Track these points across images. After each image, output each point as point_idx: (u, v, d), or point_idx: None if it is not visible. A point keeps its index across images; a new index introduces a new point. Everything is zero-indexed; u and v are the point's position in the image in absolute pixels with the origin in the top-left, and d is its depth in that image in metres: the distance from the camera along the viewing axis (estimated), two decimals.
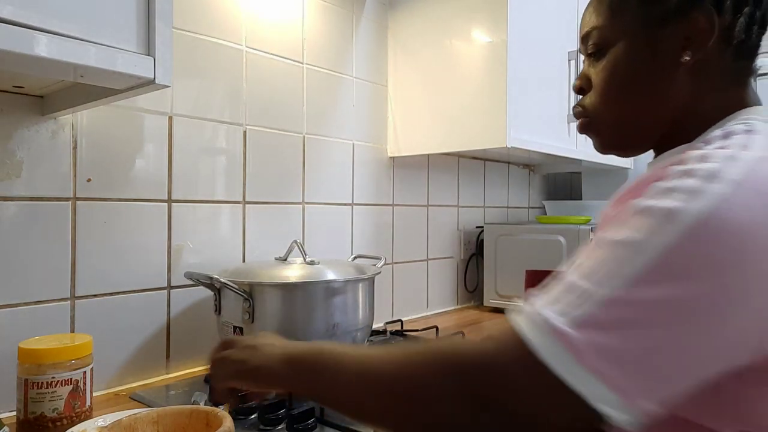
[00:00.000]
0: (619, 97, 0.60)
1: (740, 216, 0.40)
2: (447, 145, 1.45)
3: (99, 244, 0.96)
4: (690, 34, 0.55)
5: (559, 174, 2.40)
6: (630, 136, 0.62)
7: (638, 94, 0.59)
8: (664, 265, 0.40)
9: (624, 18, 0.58)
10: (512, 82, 1.34)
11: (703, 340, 0.40)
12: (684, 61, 0.55)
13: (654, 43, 0.57)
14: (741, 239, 0.40)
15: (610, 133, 0.63)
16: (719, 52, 0.55)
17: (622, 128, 0.62)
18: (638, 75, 0.58)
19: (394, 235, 1.58)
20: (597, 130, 0.64)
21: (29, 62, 0.61)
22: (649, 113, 0.59)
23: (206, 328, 1.12)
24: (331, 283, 0.96)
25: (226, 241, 1.16)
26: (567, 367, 0.40)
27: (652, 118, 0.59)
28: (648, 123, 0.60)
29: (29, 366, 0.75)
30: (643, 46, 0.57)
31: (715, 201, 0.41)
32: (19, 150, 0.88)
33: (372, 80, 1.51)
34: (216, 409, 0.59)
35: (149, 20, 0.68)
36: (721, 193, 0.41)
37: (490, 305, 1.77)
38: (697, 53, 0.55)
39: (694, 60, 0.55)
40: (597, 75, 0.61)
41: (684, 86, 0.56)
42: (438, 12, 1.45)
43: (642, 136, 0.61)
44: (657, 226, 0.41)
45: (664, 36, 0.56)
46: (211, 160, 1.14)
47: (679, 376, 0.41)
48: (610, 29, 0.60)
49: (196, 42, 1.10)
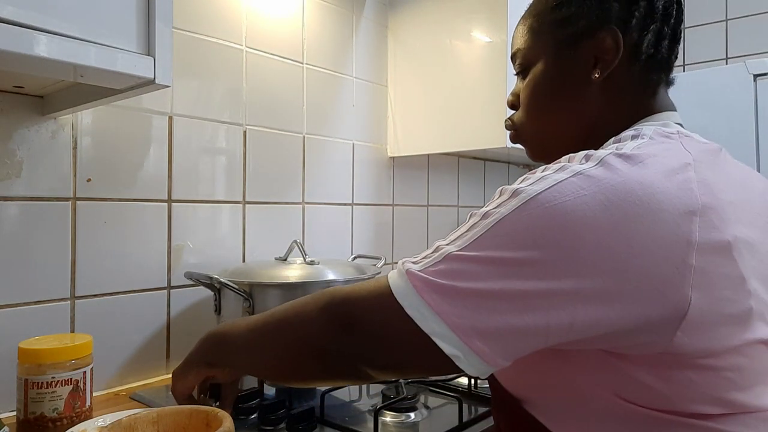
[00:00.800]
0: (538, 112, 0.66)
1: (569, 201, 0.44)
2: (447, 145, 1.45)
3: (99, 244, 0.96)
4: (598, 53, 0.60)
5: None
6: (550, 146, 0.67)
7: (554, 109, 0.65)
8: (498, 232, 0.46)
9: (541, 40, 0.64)
10: (512, 82, 1.33)
11: (521, 300, 0.44)
12: (594, 78, 0.60)
13: (567, 62, 0.62)
14: (563, 221, 0.44)
15: (533, 143, 0.69)
16: (628, 67, 0.60)
17: (542, 139, 0.68)
18: (554, 92, 0.64)
19: (394, 235, 1.58)
20: (523, 140, 0.70)
21: (29, 62, 0.61)
22: (565, 126, 0.64)
23: (206, 328, 1.11)
24: (331, 283, 0.96)
25: (226, 241, 1.16)
26: (410, 301, 0.47)
27: (569, 131, 0.64)
28: (565, 135, 0.65)
29: (29, 366, 0.75)
30: (557, 65, 0.63)
31: (551, 184, 0.46)
32: (19, 150, 0.88)
33: (372, 80, 1.51)
34: (216, 409, 0.59)
35: (149, 20, 0.68)
36: (557, 179, 0.46)
37: None
38: (605, 70, 0.60)
39: (603, 76, 0.60)
40: (522, 92, 0.68)
41: (595, 100, 0.62)
42: (438, 12, 1.45)
43: (561, 146, 0.65)
44: (503, 201, 0.48)
45: (575, 56, 0.61)
46: (211, 160, 1.14)
47: (506, 324, 0.45)
48: (531, 50, 0.66)
49: (196, 42, 1.10)
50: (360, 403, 0.92)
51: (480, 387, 0.97)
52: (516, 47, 0.68)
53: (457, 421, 0.81)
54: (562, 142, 0.65)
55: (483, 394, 0.92)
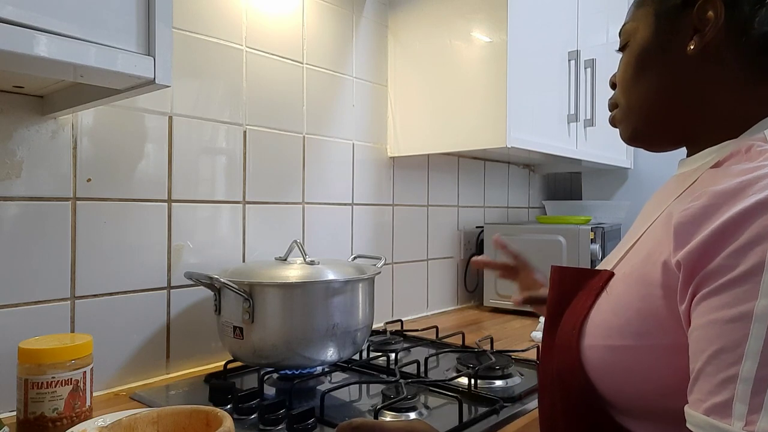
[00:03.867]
0: (632, 85, 0.61)
1: None
2: (447, 145, 1.45)
3: (99, 244, 0.97)
4: (697, 24, 0.55)
5: (559, 174, 2.40)
6: (646, 126, 0.62)
7: (648, 82, 0.59)
8: None
9: (643, 12, 0.60)
10: (512, 82, 1.34)
11: None
12: (689, 51, 0.55)
13: (665, 33, 0.57)
14: None
15: (627, 122, 0.63)
16: (734, 44, 0.54)
17: (638, 117, 0.62)
18: (648, 64, 0.59)
19: (394, 235, 1.58)
20: (620, 120, 0.64)
21: (29, 62, 0.61)
22: (661, 102, 0.59)
23: (206, 328, 1.12)
24: (331, 283, 0.96)
25: (226, 241, 1.16)
26: None
27: (665, 108, 0.59)
28: (662, 112, 0.59)
29: (29, 366, 0.75)
30: (655, 36, 0.58)
31: None
32: (19, 150, 0.88)
33: (372, 80, 1.51)
34: (216, 409, 0.59)
35: (149, 20, 0.68)
36: None
37: (490, 305, 1.77)
38: (701, 42, 0.54)
39: (699, 49, 0.54)
40: (619, 68, 0.63)
41: (695, 77, 0.56)
42: (438, 12, 1.45)
43: (658, 127, 0.61)
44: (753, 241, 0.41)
45: (673, 27, 0.57)
46: (211, 160, 1.14)
47: None
48: (631, 24, 0.62)
49: (196, 42, 1.10)
50: (360, 403, 0.92)
51: (480, 387, 0.97)
52: (622, 24, 0.64)
53: (457, 421, 0.81)
54: (658, 121, 0.60)
55: (483, 394, 0.92)
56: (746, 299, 0.39)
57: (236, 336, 0.95)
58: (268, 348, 0.94)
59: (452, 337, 1.27)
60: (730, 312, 0.40)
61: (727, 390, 0.39)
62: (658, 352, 0.49)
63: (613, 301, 0.54)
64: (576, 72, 1.58)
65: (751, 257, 0.40)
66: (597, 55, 1.66)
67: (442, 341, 1.27)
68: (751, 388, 0.38)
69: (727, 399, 0.39)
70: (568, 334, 0.57)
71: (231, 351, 0.99)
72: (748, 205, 0.42)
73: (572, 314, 0.58)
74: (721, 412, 0.39)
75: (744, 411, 0.37)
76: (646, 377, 0.50)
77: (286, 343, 0.93)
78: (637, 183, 2.08)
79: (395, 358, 1.09)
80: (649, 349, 0.49)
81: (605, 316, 0.54)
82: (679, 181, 0.58)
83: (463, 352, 1.17)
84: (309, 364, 0.98)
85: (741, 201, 0.43)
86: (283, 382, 1.01)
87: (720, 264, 0.42)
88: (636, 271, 0.53)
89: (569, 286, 0.62)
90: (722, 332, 0.40)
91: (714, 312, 0.41)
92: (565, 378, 0.56)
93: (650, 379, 0.49)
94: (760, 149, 0.48)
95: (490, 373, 1.01)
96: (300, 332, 0.94)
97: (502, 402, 0.88)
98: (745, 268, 0.40)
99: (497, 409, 0.86)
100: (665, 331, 0.48)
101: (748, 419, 0.37)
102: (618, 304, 0.53)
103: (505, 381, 1.00)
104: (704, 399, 0.40)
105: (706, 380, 0.41)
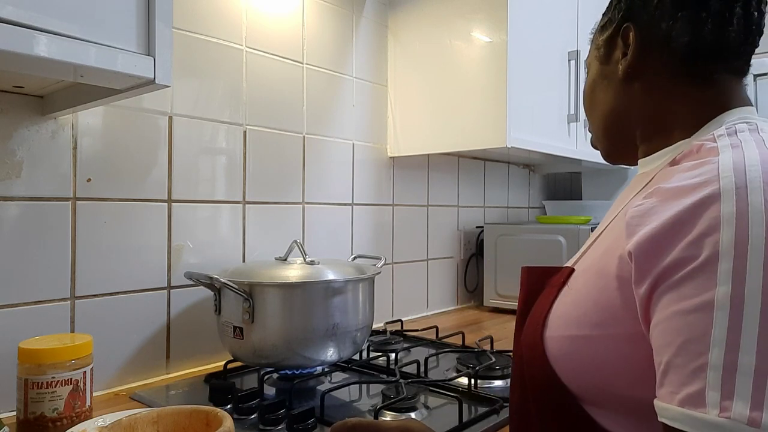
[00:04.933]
0: (590, 114, 0.69)
1: None
2: (447, 145, 1.45)
3: (99, 244, 0.97)
4: (623, 49, 0.62)
5: (559, 174, 2.40)
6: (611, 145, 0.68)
7: (600, 107, 0.66)
8: None
9: (593, 46, 0.69)
10: (512, 82, 1.34)
11: None
12: (620, 72, 0.61)
13: (604, 62, 0.65)
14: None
15: (599, 145, 0.70)
16: (659, 58, 0.59)
17: (602, 139, 0.69)
18: (596, 91, 0.67)
19: (394, 235, 1.58)
20: (594, 144, 0.72)
21: (29, 62, 0.61)
22: (613, 123, 0.65)
23: (206, 328, 1.12)
24: (331, 283, 0.96)
25: (226, 241, 1.16)
26: None
27: (619, 127, 0.65)
28: (618, 132, 0.65)
29: (29, 366, 0.75)
30: (598, 66, 0.66)
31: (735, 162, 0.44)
32: (19, 150, 0.88)
33: (372, 80, 1.51)
34: (216, 409, 0.59)
35: (149, 20, 0.68)
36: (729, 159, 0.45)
37: (490, 305, 1.77)
38: (626, 63, 0.61)
39: (628, 69, 0.61)
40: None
41: (634, 94, 0.62)
42: (438, 12, 1.45)
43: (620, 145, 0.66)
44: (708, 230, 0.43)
45: (609, 55, 0.64)
46: (211, 160, 1.14)
47: None
48: (587, 59, 0.71)
49: (196, 42, 1.10)
50: (360, 403, 0.92)
51: (480, 387, 0.97)
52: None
53: (457, 421, 0.81)
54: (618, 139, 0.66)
55: (483, 394, 0.92)
56: (706, 288, 0.40)
57: (236, 336, 0.95)
58: (268, 348, 0.94)
59: (452, 337, 1.27)
60: (692, 302, 0.41)
61: (698, 379, 0.39)
62: (614, 342, 0.51)
63: (573, 294, 0.57)
64: (576, 72, 1.58)
65: (706, 248, 0.41)
66: None
67: (442, 341, 1.27)
68: (721, 375, 0.38)
69: (700, 388, 0.39)
70: (533, 327, 0.60)
71: (231, 351, 0.99)
72: (698, 198, 0.43)
73: (537, 309, 0.62)
74: (695, 402, 0.39)
75: (717, 398, 0.38)
76: (603, 366, 0.52)
77: (286, 343, 0.93)
78: None
79: (395, 358, 1.09)
80: (605, 338, 0.51)
81: (566, 308, 0.57)
82: (638, 180, 0.62)
83: (463, 352, 1.17)
84: (309, 364, 0.98)
85: (691, 195, 0.44)
86: (283, 382, 1.01)
87: (676, 257, 0.43)
88: (594, 266, 0.56)
89: (536, 285, 0.65)
90: (687, 323, 0.41)
91: (676, 304, 0.42)
92: (532, 371, 0.59)
93: (608, 368, 0.51)
94: (709, 147, 0.50)
95: (490, 373, 1.01)
96: (300, 332, 0.94)
97: (502, 402, 0.88)
98: (702, 259, 0.41)
99: (497, 409, 0.86)
100: (619, 321, 0.50)
101: (722, 405, 0.37)
102: (577, 296, 0.56)
103: (505, 381, 1.00)
104: (677, 390, 0.41)
105: (677, 372, 0.41)
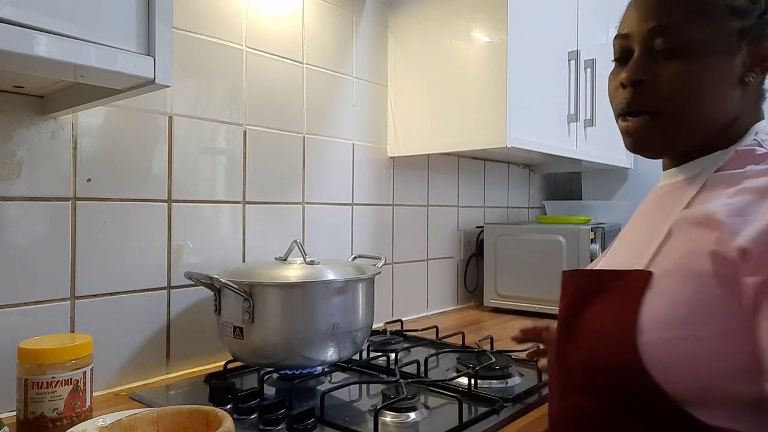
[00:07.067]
0: (693, 102, 0.60)
1: None
2: (447, 145, 1.45)
3: (99, 244, 0.96)
4: (755, 58, 0.60)
5: (559, 174, 2.40)
6: (681, 141, 0.63)
7: (707, 102, 0.60)
8: None
9: (710, 24, 0.59)
10: (512, 82, 1.34)
11: None
12: (747, 82, 0.60)
13: (728, 57, 0.60)
14: None
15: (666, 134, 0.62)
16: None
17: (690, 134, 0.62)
18: (713, 85, 0.60)
19: (394, 235, 1.58)
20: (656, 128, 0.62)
21: (29, 62, 0.61)
22: (708, 122, 0.62)
23: (206, 328, 1.12)
24: (331, 283, 0.96)
25: (226, 241, 1.16)
26: None
27: (707, 128, 0.62)
28: (702, 131, 0.62)
29: (29, 366, 0.75)
30: (720, 59, 0.59)
31: None
32: (19, 150, 0.88)
33: (372, 80, 1.51)
34: (216, 409, 0.59)
35: (149, 20, 0.68)
36: None
37: (490, 305, 1.77)
38: (758, 77, 0.61)
39: (753, 83, 0.61)
40: (674, 75, 0.60)
41: (737, 103, 0.62)
42: (438, 12, 1.45)
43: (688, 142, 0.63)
44: None
45: (737, 52, 0.60)
46: (211, 160, 1.14)
47: None
48: (694, 31, 0.59)
49: (196, 42, 1.10)
50: (360, 403, 0.92)
51: (480, 387, 0.97)
52: (669, 21, 0.60)
53: (457, 421, 0.81)
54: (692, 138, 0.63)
55: (483, 394, 0.92)
56: None
57: (236, 336, 0.95)
58: (268, 348, 0.94)
59: (452, 337, 1.27)
60: None
61: None
62: (722, 338, 0.52)
63: (666, 297, 0.56)
64: (576, 72, 1.58)
65: None
66: (597, 55, 1.66)
67: (442, 341, 1.27)
68: None
69: None
70: (616, 335, 0.57)
71: (231, 351, 0.99)
72: None
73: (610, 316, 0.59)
74: None
75: None
76: (712, 364, 0.52)
77: (286, 343, 0.93)
78: (637, 183, 2.08)
79: (395, 358, 1.09)
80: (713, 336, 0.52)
81: (662, 311, 0.55)
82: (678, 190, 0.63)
83: (463, 352, 1.17)
84: (309, 364, 0.98)
85: None
86: (283, 382, 1.01)
87: None
88: (679, 267, 0.56)
89: (588, 288, 0.63)
90: None
91: None
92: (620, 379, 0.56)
93: (716, 365, 0.52)
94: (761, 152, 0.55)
95: (490, 373, 1.01)
96: (300, 332, 0.94)
97: (502, 402, 0.88)
98: None
99: (497, 409, 0.86)
100: (726, 318, 0.52)
101: None
102: (671, 299, 0.55)
103: (505, 381, 1.00)
104: None
105: None
